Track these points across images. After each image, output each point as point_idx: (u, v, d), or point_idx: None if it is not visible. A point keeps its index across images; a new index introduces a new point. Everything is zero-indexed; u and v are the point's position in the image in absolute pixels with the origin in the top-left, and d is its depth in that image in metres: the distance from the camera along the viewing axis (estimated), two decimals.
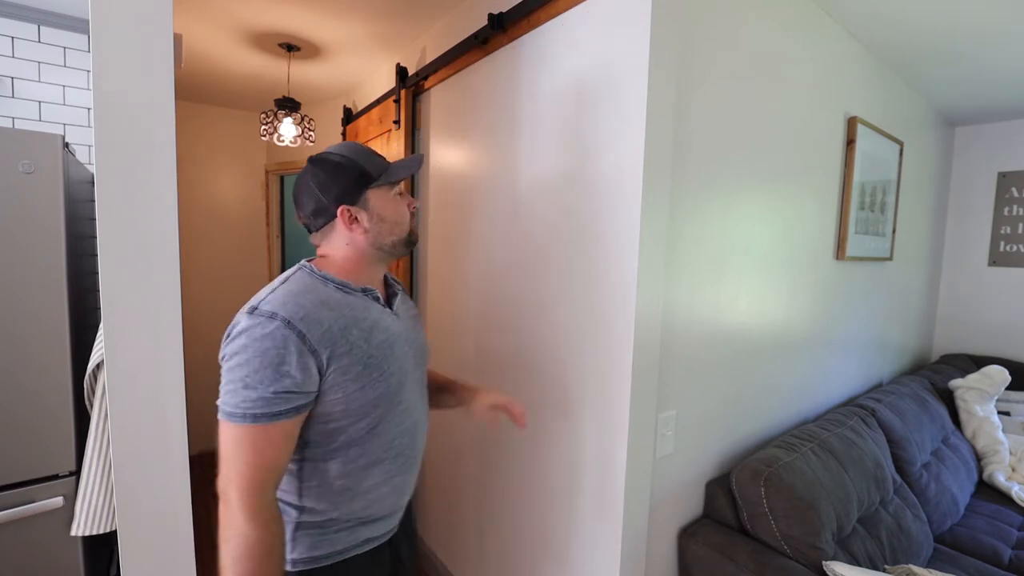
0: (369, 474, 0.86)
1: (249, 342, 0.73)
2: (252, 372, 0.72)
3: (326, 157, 0.87)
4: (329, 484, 0.83)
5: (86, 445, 1.10)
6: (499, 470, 1.56)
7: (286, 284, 0.81)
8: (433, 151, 1.87)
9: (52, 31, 1.69)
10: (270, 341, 0.73)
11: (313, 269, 0.85)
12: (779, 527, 1.24)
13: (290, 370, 0.73)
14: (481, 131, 1.58)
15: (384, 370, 0.85)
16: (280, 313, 0.75)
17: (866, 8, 1.56)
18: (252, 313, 0.75)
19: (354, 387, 0.80)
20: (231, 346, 0.75)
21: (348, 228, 0.87)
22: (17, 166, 1.12)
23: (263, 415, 0.72)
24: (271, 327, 0.73)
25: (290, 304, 0.76)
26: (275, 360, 0.73)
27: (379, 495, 0.88)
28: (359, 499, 0.86)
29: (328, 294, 0.82)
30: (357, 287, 0.87)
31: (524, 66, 1.38)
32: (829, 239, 1.80)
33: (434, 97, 1.85)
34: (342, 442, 0.83)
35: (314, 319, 0.77)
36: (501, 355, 1.52)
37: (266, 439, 0.73)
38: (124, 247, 0.87)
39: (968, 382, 2.27)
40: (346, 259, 0.88)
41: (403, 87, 1.92)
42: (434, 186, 1.88)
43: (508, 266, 1.48)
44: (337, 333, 0.79)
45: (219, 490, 0.74)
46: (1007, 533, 1.73)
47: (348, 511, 0.85)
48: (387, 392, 0.85)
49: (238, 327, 0.75)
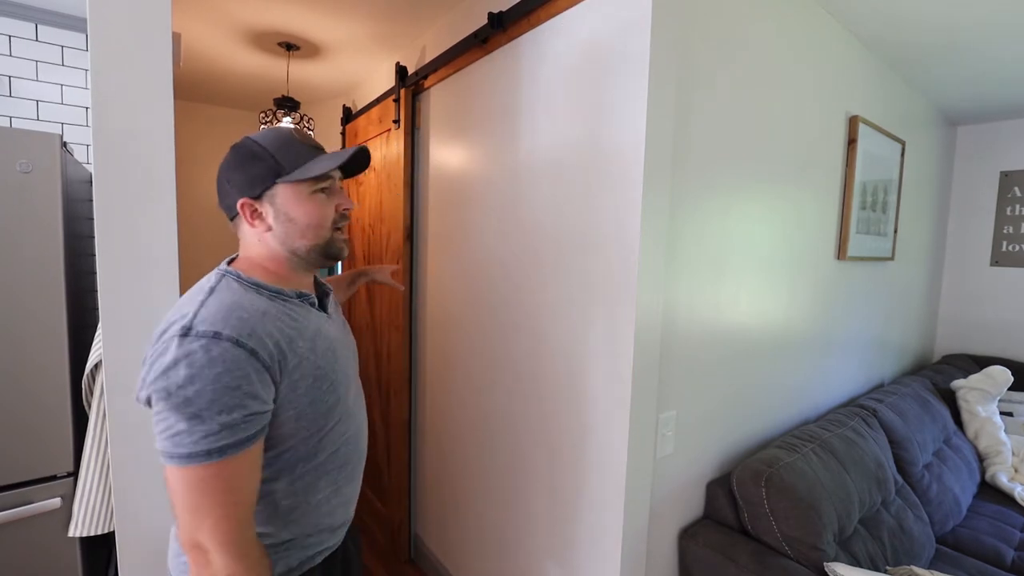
0: (316, 488, 0.80)
1: (196, 371, 0.62)
2: (207, 404, 0.62)
3: (242, 142, 0.79)
4: (276, 505, 0.76)
5: (84, 446, 1.10)
6: (498, 470, 1.55)
7: (215, 295, 0.71)
8: (433, 151, 1.87)
9: (50, 30, 1.68)
10: (221, 365, 0.63)
11: (240, 275, 0.75)
12: (780, 528, 1.23)
13: (254, 390, 0.65)
14: (481, 130, 1.58)
15: (333, 380, 0.79)
16: (224, 332, 0.65)
17: (867, 6, 1.56)
18: (186, 336, 0.64)
19: (305, 401, 0.74)
20: (167, 380, 0.62)
21: (250, 223, 0.77)
22: (15, 165, 1.12)
23: (230, 446, 0.63)
24: (218, 349, 0.64)
25: (232, 319, 0.67)
26: (231, 384, 0.63)
27: (329, 508, 0.82)
28: (309, 516, 0.80)
29: (264, 303, 0.73)
30: (291, 292, 0.79)
31: (524, 65, 1.38)
32: (830, 239, 1.79)
33: (434, 96, 1.85)
34: (287, 460, 0.76)
35: (262, 333, 0.68)
36: (501, 354, 1.52)
37: (235, 471, 0.65)
38: (122, 247, 0.87)
39: (970, 382, 2.27)
40: (268, 260, 0.79)
41: (403, 86, 1.91)
42: (433, 186, 1.87)
43: (508, 266, 1.48)
44: (285, 346, 0.71)
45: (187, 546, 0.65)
46: (1009, 534, 1.73)
47: (298, 529, 0.79)
48: (335, 403, 0.79)
49: (168, 356, 0.63)
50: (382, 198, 2.13)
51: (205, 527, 0.63)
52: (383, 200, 2.12)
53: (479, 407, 1.63)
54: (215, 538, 0.64)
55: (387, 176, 2.05)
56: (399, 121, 1.92)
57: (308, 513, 0.79)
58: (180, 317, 0.67)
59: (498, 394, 1.53)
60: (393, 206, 2.02)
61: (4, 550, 1.13)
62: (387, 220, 2.09)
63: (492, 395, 1.56)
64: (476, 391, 1.64)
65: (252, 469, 0.68)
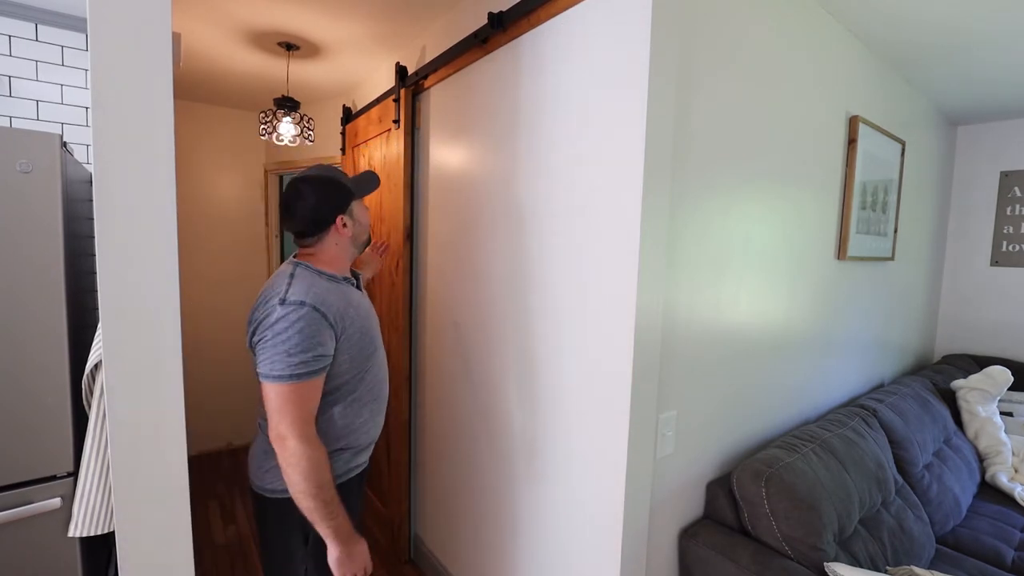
0: (360, 412, 1.16)
1: (288, 324, 0.99)
2: (294, 345, 0.98)
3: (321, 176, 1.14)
4: (334, 423, 1.12)
5: (84, 446, 1.09)
6: (497, 470, 1.55)
7: (298, 280, 1.07)
8: (432, 150, 1.87)
9: (50, 30, 1.68)
10: (304, 322, 1.00)
11: (308, 266, 1.12)
12: (780, 528, 1.23)
13: (321, 340, 1.02)
14: (480, 130, 1.58)
15: (372, 336, 1.18)
16: (307, 301, 1.02)
17: (867, 6, 1.56)
18: (283, 304, 1.01)
19: (356, 350, 1.12)
20: (271, 329, 1.00)
21: (340, 232, 1.16)
22: (15, 165, 1.12)
23: (305, 374, 1.00)
24: (303, 311, 1.01)
25: (311, 294, 1.04)
26: (310, 334, 1.00)
27: (366, 428, 1.20)
28: (355, 433, 1.16)
29: (327, 284, 1.10)
30: (340, 276, 1.16)
31: (524, 65, 1.38)
32: (830, 239, 1.79)
33: (434, 96, 1.85)
34: (343, 392, 1.12)
35: (328, 303, 1.05)
36: (501, 354, 1.52)
37: (307, 390, 1.01)
38: (122, 247, 0.86)
39: (970, 382, 2.27)
40: (331, 256, 1.16)
41: (403, 86, 1.91)
42: (433, 185, 1.87)
43: (507, 265, 1.47)
44: (342, 312, 1.08)
45: (274, 437, 1.00)
46: (1009, 534, 1.73)
47: (346, 442, 1.15)
48: (372, 352, 1.18)
49: (274, 315, 1.01)
50: (382, 199, 2.14)
51: (285, 422, 0.99)
52: (383, 200, 2.13)
53: (477, 406, 1.63)
54: (291, 429, 0.99)
55: (387, 176, 2.06)
56: (399, 121, 1.92)
57: (355, 431, 1.17)
58: (275, 293, 1.04)
59: (496, 394, 1.54)
60: (393, 206, 2.03)
61: (4, 550, 1.13)
62: (387, 220, 2.10)
63: (490, 394, 1.56)
64: (475, 389, 1.64)
65: (315, 391, 1.04)
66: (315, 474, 0.99)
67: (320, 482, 1.00)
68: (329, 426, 1.11)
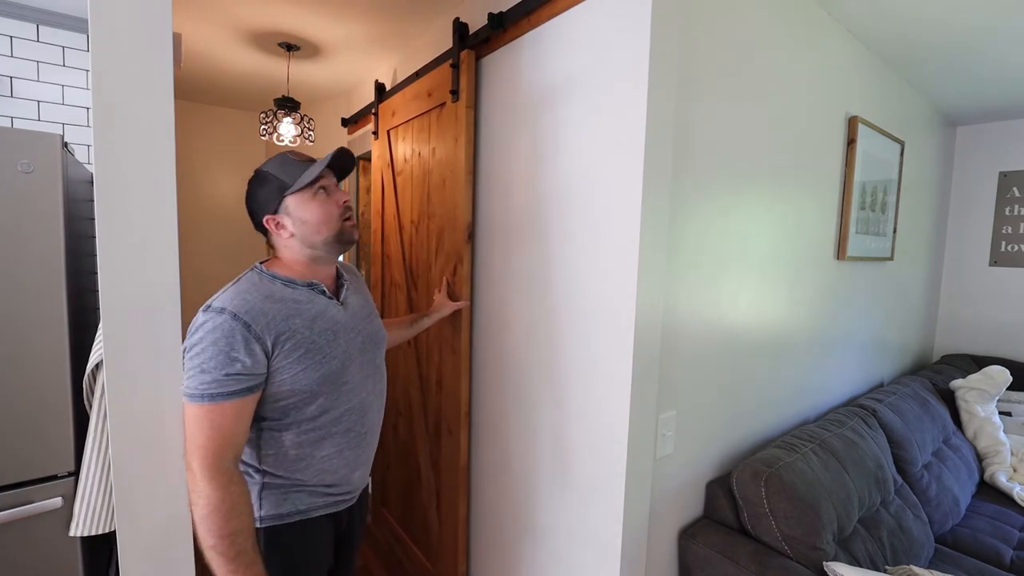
0: (321, 446, 0.99)
1: (204, 334, 0.86)
2: (207, 359, 0.84)
3: (255, 173, 1.01)
4: (284, 453, 0.96)
5: (85, 445, 1.10)
6: (497, 470, 1.55)
7: (236, 284, 0.94)
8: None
9: (51, 30, 1.68)
10: (219, 332, 0.85)
11: (262, 269, 0.98)
12: (780, 528, 1.24)
13: (238, 356, 0.85)
14: (485, 130, 1.58)
15: (326, 354, 0.96)
16: (228, 308, 0.88)
17: (867, 6, 1.56)
18: (206, 310, 0.88)
19: (298, 368, 0.92)
20: (191, 339, 0.87)
21: (277, 234, 0.99)
22: (16, 166, 1.12)
23: (218, 394, 0.85)
24: (220, 320, 0.86)
25: (237, 300, 0.89)
26: (225, 347, 0.85)
27: (332, 465, 1.01)
28: (313, 467, 0.99)
29: (273, 289, 0.95)
30: (302, 282, 0.99)
31: (524, 65, 1.38)
32: (830, 239, 1.80)
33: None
34: (294, 418, 0.96)
35: (258, 311, 0.89)
36: (501, 353, 1.52)
37: (221, 415, 0.85)
38: (123, 247, 0.87)
39: (969, 382, 2.27)
40: (288, 258, 1.01)
41: (463, 47, 1.51)
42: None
43: (507, 265, 1.48)
44: (280, 322, 0.91)
45: (185, 463, 0.86)
46: (1008, 534, 1.73)
47: (304, 477, 0.98)
48: (329, 374, 0.97)
49: (196, 323, 0.88)
50: (429, 190, 1.77)
51: (192, 450, 0.85)
52: (430, 192, 1.76)
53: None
54: (197, 459, 0.84)
55: (438, 163, 1.69)
56: (457, 92, 1.54)
57: (313, 466, 0.99)
58: (211, 298, 0.91)
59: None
60: (449, 199, 1.64)
61: (5, 550, 1.14)
62: (437, 216, 1.72)
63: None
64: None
65: (235, 415, 0.86)
66: (215, 521, 0.82)
67: (221, 532, 0.82)
68: (280, 456, 0.96)
